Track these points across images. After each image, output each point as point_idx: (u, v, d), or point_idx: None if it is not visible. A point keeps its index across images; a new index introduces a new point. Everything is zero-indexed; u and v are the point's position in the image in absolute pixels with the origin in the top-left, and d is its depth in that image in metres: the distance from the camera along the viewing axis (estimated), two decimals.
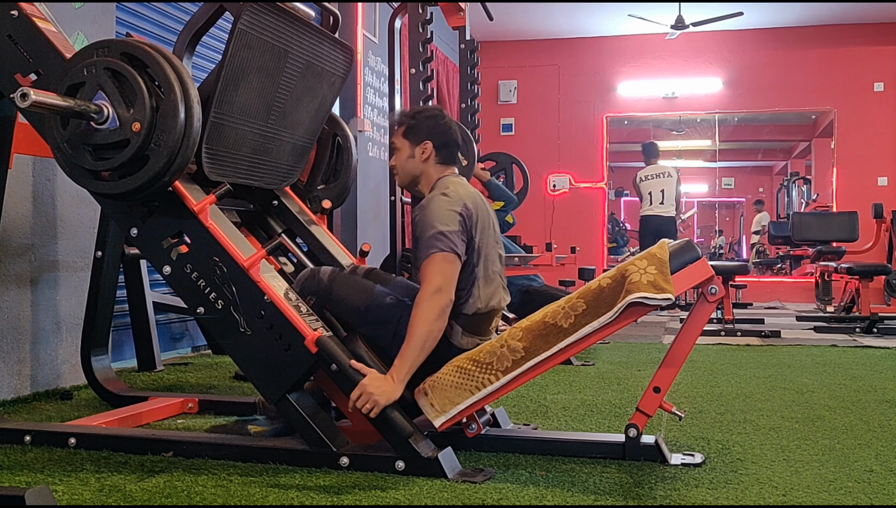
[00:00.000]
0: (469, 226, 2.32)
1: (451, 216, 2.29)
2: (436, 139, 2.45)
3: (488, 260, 2.39)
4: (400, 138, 2.48)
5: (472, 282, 2.34)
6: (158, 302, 4.02)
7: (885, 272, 6.38)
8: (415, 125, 2.46)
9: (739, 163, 12.99)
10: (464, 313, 2.34)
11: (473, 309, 2.35)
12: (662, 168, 7.86)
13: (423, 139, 2.45)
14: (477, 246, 2.34)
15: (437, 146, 2.45)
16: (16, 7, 2.35)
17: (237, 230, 2.47)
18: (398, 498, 1.89)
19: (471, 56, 5.01)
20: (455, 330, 2.34)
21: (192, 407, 2.94)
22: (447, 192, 2.35)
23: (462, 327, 2.35)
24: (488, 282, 2.38)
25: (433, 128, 2.46)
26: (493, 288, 2.40)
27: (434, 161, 2.46)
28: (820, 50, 9.62)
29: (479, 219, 2.36)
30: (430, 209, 2.32)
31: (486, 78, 8.96)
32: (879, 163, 9.53)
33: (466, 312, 2.35)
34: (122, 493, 1.93)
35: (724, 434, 2.59)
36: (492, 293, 2.39)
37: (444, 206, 2.31)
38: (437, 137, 2.46)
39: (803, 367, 4.15)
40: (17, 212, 3.13)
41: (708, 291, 2.20)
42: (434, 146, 2.45)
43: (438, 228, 2.27)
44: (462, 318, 2.35)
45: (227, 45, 2.33)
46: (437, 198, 2.34)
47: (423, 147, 2.45)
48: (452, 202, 2.32)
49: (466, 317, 2.35)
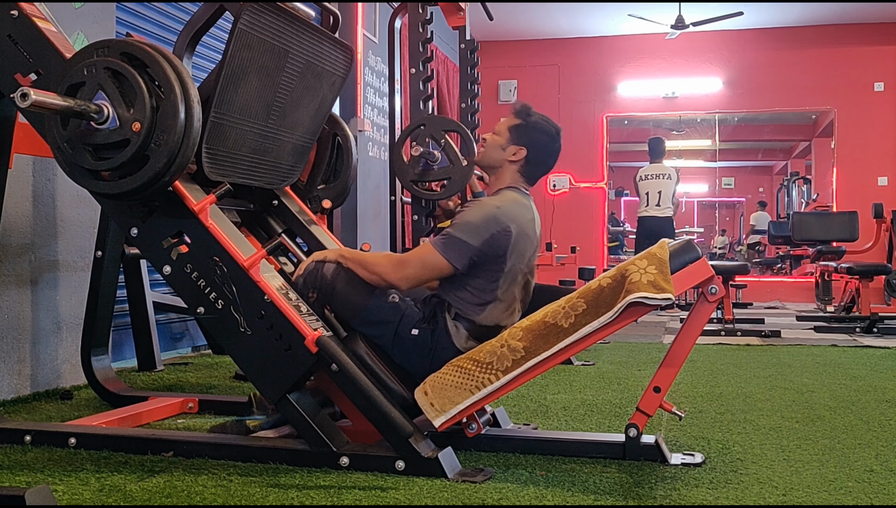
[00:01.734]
0: (502, 246, 2.29)
1: (482, 229, 2.27)
2: (533, 153, 2.42)
3: (514, 284, 2.37)
4: (506, 127, 2.45)
5: (489, 300, 2.33)
6: (158, 302, 4.02)
7: (885, 272, 6.38)
8: (526, 127, 2.43)
9: (739, 163, 12.99)
10: (471, 320, 2.34)
11: (482, 321, 2.34)
12: (664, 169, 7.84)
13: (523, 144, 2.41)
14: (507, 269, 2.32)
15: (529, 159, 2.42)
16: (16, 7, 2.35)
17: (237, 230, 2.47)
18: (398, 498, 1.89)
19: (471, 56, 5.01)
20: (460, 333, 2.33)
21: (192, 407, 2.94)
22: (501, 206, 2.33)
23: (468, 332, 2.34)
24: (505, 304, 2.36)
25: (539, 144, 2.43)
26: (507, 311, 2.39)
27: (518, 168, 2.43)
28: (820, 50, 9.62)
29: (518, 246, 2.32)
30: (473, 212, 2.32)
31: (486, 78, 8.95)
32: (879, 163, 9.53)
33: (474, 320, 2.34)
34: (122, 493, 1.93)
35: (724, 434, 2.59)
36: (503, 314, 2.37)
37: (485, 217, 2.29)
38: (536, 152, 2.42)
39: (803, 367, 4.15)
40: (17, 212, 3.13)
41: (708, 291, 2.20)
42: (527, 157, 2.42)
43: (458, 235, 2.27)
44: (468, 324, 2.34)
45: (227, 45, 2.33)
46: (487, 206, 2.33)
47: (517, 149, 2.41)
48: (497, 217, 2.29)
49: (473, 325, 2.34)
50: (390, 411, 2.13)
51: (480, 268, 2.31)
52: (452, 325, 2.33)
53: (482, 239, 2.27)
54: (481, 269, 2.31)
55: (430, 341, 2.32)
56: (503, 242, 2.29)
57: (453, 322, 2.33)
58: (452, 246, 2.27)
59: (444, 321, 2.33)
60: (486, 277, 2.32)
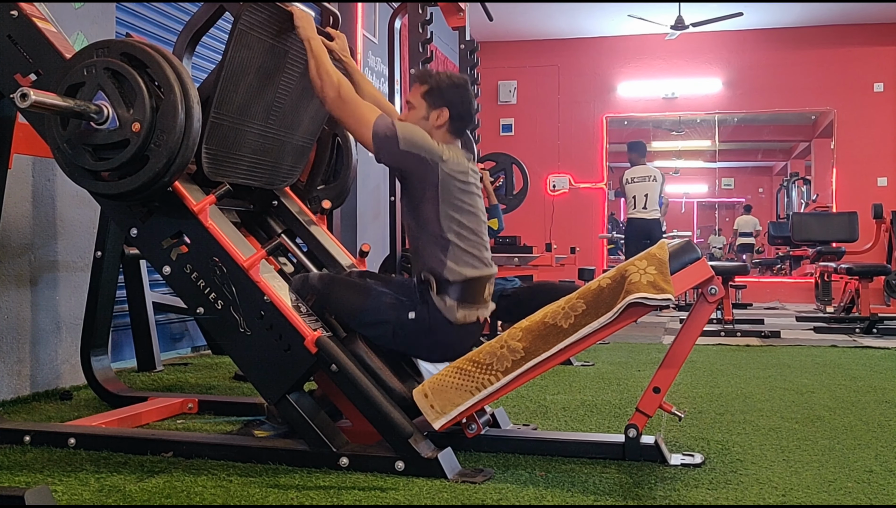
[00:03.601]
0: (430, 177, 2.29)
1: (416, 145, 2.29)
2: (454, 109, 2.41)
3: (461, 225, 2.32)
4: (418, 97, 2.44)
5: (445, 245, 2.30)
6: (158, 302, 4.02)
7: (885, 272, 6.37)
8: (438, 89, 2.42)
9: (739, 164, 13.01)
10: (448, 280, 2.29)
11: (455, 277, 2.29)
12: (649, 171, 7.87)
13: (442, 105, 2.41)
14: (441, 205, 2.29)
15: (452, 116, 2.41)
16: (16, 7, 2.35)
17: (237, 230, 2.47)
18: (398, 499, 1.89)
19: (471, 56, 5.01)
20: (448, 305, 2.29)
21: (191, 408, 2.94)
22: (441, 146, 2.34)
23: (455, 300, 2.30)
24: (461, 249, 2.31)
25: (456, 99, 2.42)
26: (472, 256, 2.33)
27: (445, 129, 2.42)
28: (820, 50, 9.63)
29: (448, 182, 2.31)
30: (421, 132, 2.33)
31: (485, 78, 8.96)
32: (879, 164, 9.53)
33: (449, 278, 2.29)
34: (121, 493, 1.92)
35: (724, 435, 2.59)
36: (471, 260, 2.33)
37: (424, 140, 2.31)
38: (456, 107, 2.42)
39: (803, 368, 4.14)
40: (17, 212, 3.13)
41: (708, 291, 2.20)
42: (450, 115, 2.41)
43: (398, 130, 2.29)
44: (449, 288, 2.30)
45: (226, 45, 2.33)
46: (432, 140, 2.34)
47: (439, 112, 2.41)
48: (433, 149, 2.30)
49: (453, 287, 2.30)
50: (390, 411, 2.13)
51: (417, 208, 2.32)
52: (440, 301, 2.30)
53: (408, 150, 2.28)
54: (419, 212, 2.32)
55: (428, 318, 2.30)
56: (431, 174, 2.28)
57: (439, 297, 2.30)
58: (385, 135, 2.28)
59: (432, 299, 2.31)
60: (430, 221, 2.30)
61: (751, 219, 12.29)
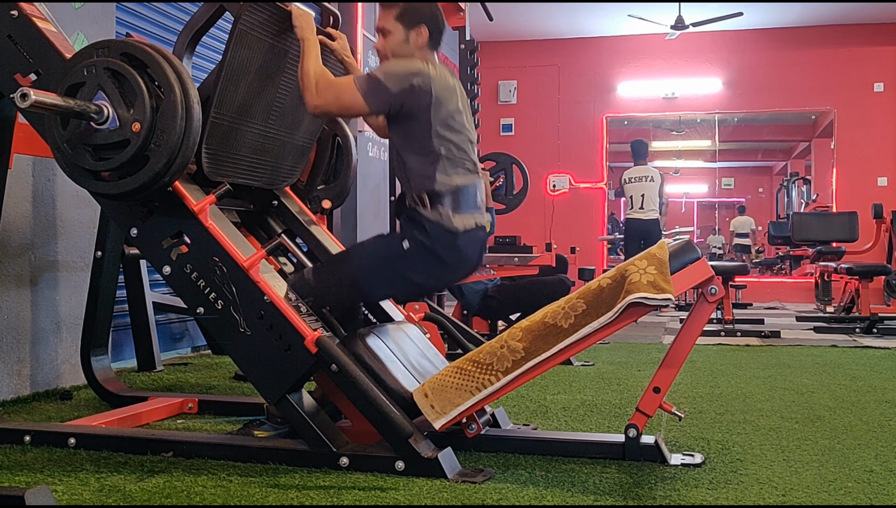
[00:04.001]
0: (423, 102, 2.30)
1: (403, 78, 2.29)
2: (432, 24, 2.43)
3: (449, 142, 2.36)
4: (392, 21, 2.42)
5: (434, 161, 2.34)
6: (158, 302, 4.02)
7: (885, 272, 6.37)
8: (410, 8, 2.41)
9: (739, 164, 13.01)
10: (439, 192, 2.33)
11: (445, 189, 2.34)
12: (647, 171, 7.87)
13: (419, 22, 2.41)
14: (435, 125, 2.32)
15: (432, 31, 2.43)
16: (16, 7, 2.35)
17: (237, 230, 2.47)
18: (398, 499, 1.89)
19: (471, 56, 5.01)
20: (444, 215, 2.33)
21: (191, 408, 2.94)
22: (424, 66, 2.34)
23: (450, 208, 2.33)
24: (451, 163, 2.36)
25: (430, 13, 2.44)
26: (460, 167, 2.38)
27: (426, 46, 2.43)
28: (820, 50, 9.63)
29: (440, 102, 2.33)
30: (398, 62, 2.34)
31: (486, 78, 8.94)
32: (879, 163, 9.54)
33: (441, 191, 2.33)
34: (121, 493, 1.93)
35: (724, 435, 2.59)
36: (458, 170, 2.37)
37: (408, 67, 2.31)
38: (433, 21, 2.43)
39: (803, 367, 4.15)
40: (17, 212, 3.13)
41: (708, 291, 2.20)
42: (430, 31, 2.42)
43: (382, 78, 2.29)
44: (442, 198, 2.33)
45: (226, 45, 2.33)
46: (414, 61, 2.35)
47: (418, 31, 2.41)
48: (421, 71, 2.31)
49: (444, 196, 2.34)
50: (390, 411, 2.13)
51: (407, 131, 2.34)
52: (434, 214, 2.33)
53: (401, 87, 2.28)
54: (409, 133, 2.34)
55: (425, 238, 2.32)
56: (424, 96, 2.30)
57: (433, 211, 2.33)
58: (374, 90, 2.28)
59: (426, 217, 2.33)
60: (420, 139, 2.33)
61: (746, 219, 12.30)
